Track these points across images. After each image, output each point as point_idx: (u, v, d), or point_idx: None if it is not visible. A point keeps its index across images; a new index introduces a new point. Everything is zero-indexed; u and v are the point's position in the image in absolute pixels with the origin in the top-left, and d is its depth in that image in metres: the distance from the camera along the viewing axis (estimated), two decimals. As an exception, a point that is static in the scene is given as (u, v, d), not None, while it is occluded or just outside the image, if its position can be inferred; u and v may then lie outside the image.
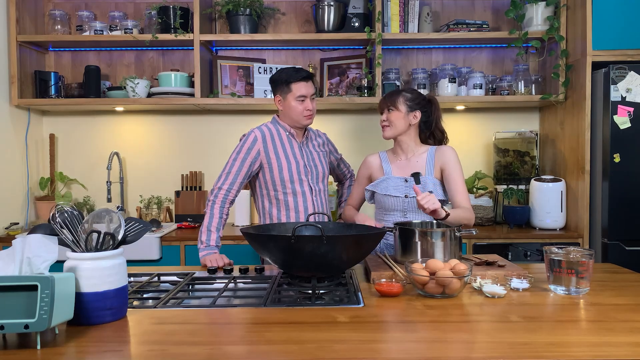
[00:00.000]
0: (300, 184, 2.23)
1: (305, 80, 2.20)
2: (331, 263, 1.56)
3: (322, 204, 2.30)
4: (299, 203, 2.23)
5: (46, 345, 1.14)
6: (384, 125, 2.16)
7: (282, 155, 2.21)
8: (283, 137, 2.25)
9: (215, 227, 2.10)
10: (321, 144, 2.39)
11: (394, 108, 2.12)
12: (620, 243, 2.77)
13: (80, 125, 3.45)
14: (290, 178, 2.21)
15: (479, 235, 2.84)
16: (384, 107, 2.16)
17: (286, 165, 2.20)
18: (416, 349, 1.10)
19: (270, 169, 2.20)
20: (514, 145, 3.34)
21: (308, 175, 2.25)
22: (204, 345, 1.13)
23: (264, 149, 2.19)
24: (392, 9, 3.10)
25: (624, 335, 1.18)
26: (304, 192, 2.24)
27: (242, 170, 2.16)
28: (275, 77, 2.24)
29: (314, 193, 2.26)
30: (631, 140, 2.76)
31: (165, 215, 3.39)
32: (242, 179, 2.16)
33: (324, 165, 2.33)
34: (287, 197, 2.23)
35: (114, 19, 3.22)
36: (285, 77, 2.19)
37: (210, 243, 2.07)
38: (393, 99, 2.14)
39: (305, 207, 2.24)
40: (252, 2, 3.16)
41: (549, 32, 3.03)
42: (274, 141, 2.22)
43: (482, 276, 1.65)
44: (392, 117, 2.13)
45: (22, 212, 3.19)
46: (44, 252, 1.17)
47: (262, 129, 2.24)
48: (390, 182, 2.12)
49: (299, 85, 2.18)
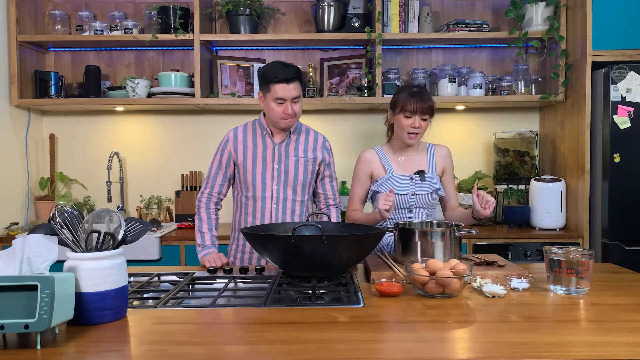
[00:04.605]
0: (263, 189, 2.09)
1: (287, 82, 1.98)
2: (331, 263, 1.56)
3: (284, 213, 2.11)
4: (257, 209, 2.11)
5: (46, 345, 1.14)
6: (415, 133, 2.05)
7: (250, 156, 2.10)
8: (258, 136, 2.12)
9: (206, 229, 2.11)
10: (312, 148, 2.16)
11: (430, 116, 2.05)
12: (620, 243, 2.77)
13: (80, 125, 3.45)
14: (252, 181, 2.09)
15: (479, 235, 2.84)
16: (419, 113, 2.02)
17: (251, 168, 2.09)
18: (416, 349, 1.10)
19: (238, 170, 2.13)
20: (514, 145, 3.34)
21: (274, 180, 2.10)
22: (204, 345, 1.13)
23: (234, 149, 2.11)
24: (392, 9, 3.10)
25: (624, 335, 1.18)
26: (264, 197, 2.09)
27: (219, 173, 2.14)
28: (260, 72, 2.07)
29: (275, 200, 2.10)
30: (631, 140, 2.76)
31: (165, 215, 3.39)
32: (222, 180, 2.14)
33: (299, 171, 2.11)
34: (248, 200, 2.13)
35: (114, 19, 3.23)
36: (267, 76, 2.01)
37: (206, 243, 2.08)
38: (432, 105, 2.04)
39: (262, 214, 2.10)
40: (252, 2, 3.16)
41: (549, 32, 3.03)
42: (245, 141, 2.12)
43: (482, 276, 1.65)
44: (424, 125, 2.06)
45: (22, 212, 3.19)
46: (44, 252, 1.17)
47: (237, 128, 2.15)
48: (395, 181, 2.10)
49: (277, 87, 1.99)
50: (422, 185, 2.09)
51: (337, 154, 3.47)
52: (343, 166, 3.47)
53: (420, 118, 2.03)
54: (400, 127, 2.08)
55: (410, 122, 2.04)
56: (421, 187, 2.09)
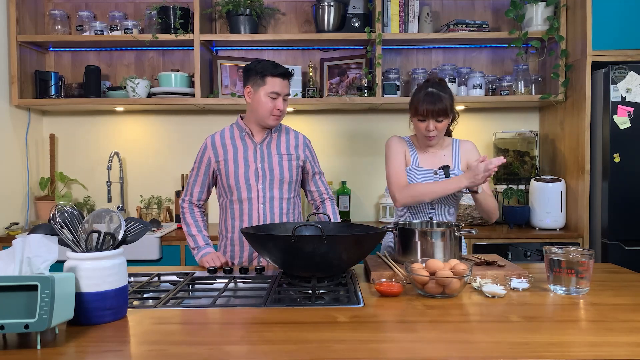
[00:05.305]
0: (247, 190, 2.05)
1: (283, 77, 2.01)
2: (331, 263, 1.56)
3: (272, 213, 2.08)
4: (243, 211, 2.07)
5: (46, 345, 1.14)
6: (432, 136, 2.01)
7: (232, 159, 2.06)
8: (237, 139, 2.10)
9: (196, 231, 2.10)
10: (294, 146, 2.14)
11: (445, 117, 2.00)
12: (620, 243, 2.77)
13: (80, 125, 3.45)
14: (236, 183, 2.05)
15: (479, 235, 2.84)
16: (431, 117, 1.98)
17: (233, 170, 2.06)
18: (416, 349, 1.10)
19: (220, 176, 2.09)
20: (514, 145, 3.34)
21: (259, 180, 2.06)
22: (204, 345, 1.13)
23: (214, 154, 2.08)
24: (392, 9, 3.10)
25: (624, 335, 1.18)
26: (250, 198, 2.06)
27: (198, 179, 2.12)
28: (250, 67, 2.04)
29: (261, 200, 2.06)
30: (631, 140, 2.76)
31: (165, 215, 3.39)
32: (200, 187, 2.12)
33: (284, 169, 2.08)
34: (233, 204, 2.08)
35: (114, 19, 3.23)
36: (261, 69, 2.00)
37: (200, 244, 2.07)
38: (444, 107, 1.97)
39: (249, 216, 2.07)
40: (252, 2, 3.16)
41: (549, 32, 3.03)
42: (224, 146, 2.08)
43: (482, 276, 1.65)
44: (441, 127, 2.00)
45: (22, 212, 3.19)
46: (44, 252, 1.17)
47: (214, 135, 2.12)
48: (419, 173, 2.06)
49: (274, 80, 1.99)
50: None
51: (337, 154, 3.49)
52: (343, 166, 3.48)
53: (435, 120, 1.99)
54: (418, 130, 2.06)
55: (425, 126, 2.01)
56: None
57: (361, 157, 3.47)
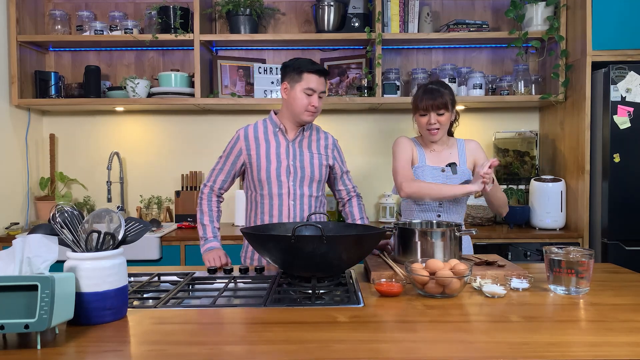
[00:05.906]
0: (278, 186, 2.08)
1: (319, 74, 2.05)
2: (331, 263, 1.56)
3: (302, 210, 2.10)
4: (273, 206, 2.09)
5: (46, 345, 1.14)
6: (435, 129, 2.06)
7: (264, 154, 2.08)
8: (270, 134, 2.12)
9: (207, 221, 2.12)
10: (324, 146, 2.19)
11: (446, 110, 2.05)
12: (620, 243, 2.77)
13: (80, 125, 3.45)
14: (267, 179, 2.08)
15: (479, 235, 2.84)
16: (432, 110, 2.04)
17: (265, 165, 2.08)
18: (416, 349, 1.10)
19: (251, 169, 2.11)
20: (514, 145, 3.34)
21: (290, 176, 2.08)
22: (204, 345, 1.13)
23: (245, 147, 2.10)
24: (392, 9, 3.10)
25: (624, 335, 1.18)
26: (280, 194, 2.08)
27: (225, 168, 2.14)
28: (287, 63, 2.10)
29: (292, 197, 2.09)
30: (631, 140, 2.76)
31: (166, 215, 3.39)
32: (225, 176, 2.14)
33: (314, 167, 2.12)
34: (263, 199, 2.10)
35: (114, 19, 3.23)
36: (298, 65, 2.05)
37: (207, 236, 2.09)
38: (444, 101, 2.03)
39: (280, 212, 2.09)
40: (252, 2, 3.16)
41: (549, 32, 3.03)
42: (257, 139, 2.10)
43: (482, 276, 1.65)
44: (443, 120, 2.05)
45: (22, 212, 3.19)
46: (44, 252, 1.17)
47: (248, 127, 2.14)
48: (427, 171, 2.09)
49: (311, 76, 2.04)
50: (453, 178, 2.08)
51: (337, 154, 3.49)
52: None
53: (436, 114, 2.04)
54: (420, 126, 2.11)
55: (426, 120, 2.06)
56: (452, 180, 2.07)
57: (361, 157, 3.47)
